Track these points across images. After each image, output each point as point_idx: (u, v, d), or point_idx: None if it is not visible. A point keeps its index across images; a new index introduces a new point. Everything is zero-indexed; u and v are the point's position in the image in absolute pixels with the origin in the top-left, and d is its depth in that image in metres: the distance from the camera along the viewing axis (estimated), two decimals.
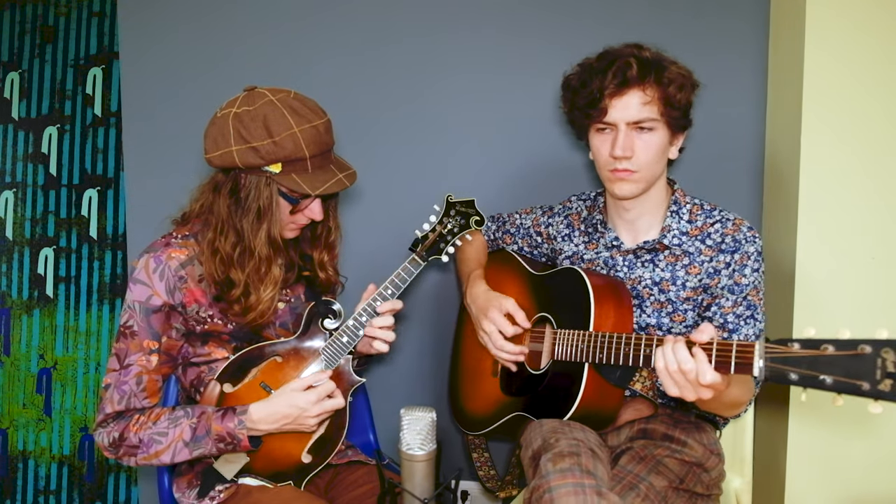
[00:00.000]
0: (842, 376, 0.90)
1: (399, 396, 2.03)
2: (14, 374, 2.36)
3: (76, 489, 2.35)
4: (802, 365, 0.94)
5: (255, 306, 1.33)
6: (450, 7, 1.93)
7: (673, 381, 1.11)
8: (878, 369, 0.88)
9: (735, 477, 1.60)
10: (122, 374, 1.31)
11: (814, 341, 0.94)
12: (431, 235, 1.46)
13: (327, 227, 1.45)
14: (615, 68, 1.32)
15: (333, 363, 1.40)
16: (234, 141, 1.24)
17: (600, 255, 1.50)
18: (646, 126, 1.33)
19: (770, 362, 0.98)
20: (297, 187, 1.26)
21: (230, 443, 1.30)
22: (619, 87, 1.32)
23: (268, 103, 1.24)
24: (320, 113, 1.29)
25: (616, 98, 1.33)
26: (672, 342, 1.11)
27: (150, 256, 1.31)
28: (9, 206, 2.34)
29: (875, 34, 1.55)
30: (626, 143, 1.33)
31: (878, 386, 0.87)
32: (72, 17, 2.31)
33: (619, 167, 1.35)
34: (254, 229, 1.29)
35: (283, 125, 1.23)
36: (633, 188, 1.38)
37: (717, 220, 1.41)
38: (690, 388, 1.10)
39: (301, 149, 1.24)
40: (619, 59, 1.33)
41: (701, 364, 1.07)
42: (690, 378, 1.08)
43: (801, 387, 0.95)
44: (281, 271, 1.36)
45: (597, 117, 1.36)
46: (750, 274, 1.37)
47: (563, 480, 1.15)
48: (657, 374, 1.13)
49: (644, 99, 1.32)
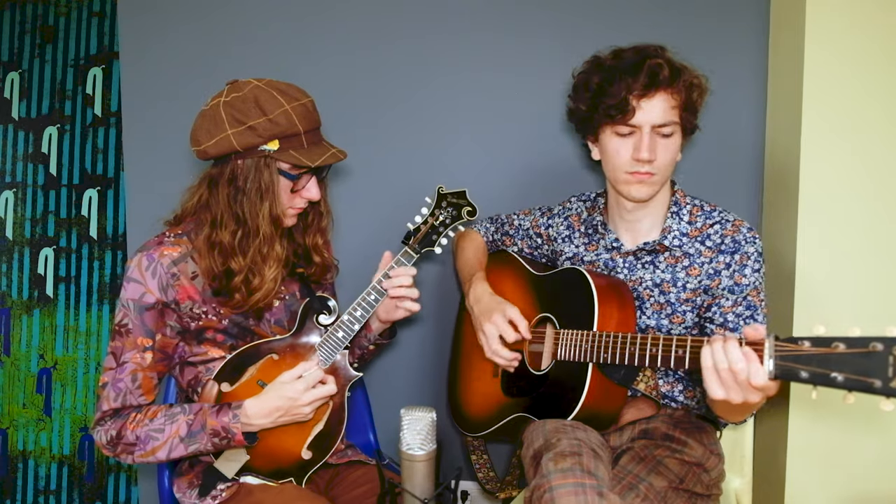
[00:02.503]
0: (853, 374, 0.90)
1: (399, 396, 2.03)
2: (14, 374, 2.36)
3: (76, 489, 2.35)
4: (813, 363, 0.93)
5: (259, 287, 1.34)
6: (448, 4, 1.93)
7: (720, 381, 1.04)
8: (889, 367, 0.87)
9: (735, 477, 1.60)
10: (118, 371, 1.32)
11: (824, 339, 0.93)
12: (423, 227, 1.47)
13: (319, 213, 1.46)
14: (647, 69, 1.30)
15: (330, 359, 1.40)
16: (229, 125, 1.26)
17: (600, 256, 1.50)
18: (667, 130, 1.33)
19: (780, 360, 0.97)
20: (296, 161, 1.29)
21: (224, 437, 1.30)
22: (648, 88, 1.30)
23: (255, 87, 1.29)
24: (305, 93, 1.34)
25: (644, 100, 1.31)
26: (722, 341, 1.04)
27: (143, 255, 1.32)
28: (9, 206, 2.34)
29: (875, 34, 1.55)
30: (651, 146, 1.33)
31: (889, 383, 0.87)
32: (72, 17, 2.31)
33: (640, 170, 1.34)
34: (255, 209, 1.31)
35: (274, 104, 1.27)
36: (650, 190, 1.38)
37: (716, 220, 1.41)
38: (738, 390, 1.03)
39: (295, 124, 1.28)
40: (650, 59, 1.31)
41: (753, 364, 1.00)
42: (740, 379, 1.02)
43: (812, 384, 0.95)
44: (283, 249, 1.38)
45: (621, 119, 1.33)
46: (750, 274, 1.36)
47: (564, 480, 1.15)
48: (703, 373, 1.06)
49: (671, 102, 1.32)
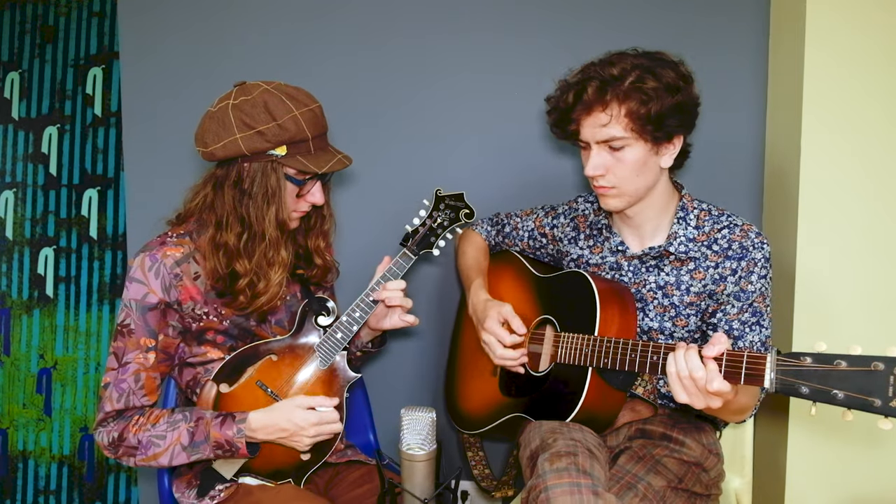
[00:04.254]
0: (853, 392, 0.92)
1: (399, 396, 2.03)
2: (14, 374, 2.36)
3: (76, 489, 2.35)
4: (814, 379, 0.95)
5: (264, 291, 1.35)
6: (448, 6, 1.93)
7: (683, 388, 1.10)
8: (890, 386, 0.89)
9: (735, 477, 1.60)
10: (121, 372, 1.31)
11: (826, 356, 0.95)
12: (421, 229, 1.48)
13: (322, 216, 1.47)
14: (578, 89, 1.32)
15: (328, 360, 1.41)
16: (237, 129, 1.26)
17: (606, 259, 1.49)
18: (616, 144, 1.31)
19: (781, 375, 0.99)
20: (303, 167, 1.29)
21: (228, 450, 1.30)
22: (584, 108, 1.31)
23: (265, 91, 1.28)
24: (313, 98, 1.34)
25: (584, 118, 1.32)
26: (684, 349, 1.10)
27: (146, 255, 1.32)
28: (9, 206, 2.35)
29: (875, 35, 1.55)
30: (597, 163, 1.32)
31: (889, 403, 0.89)
32: (72, 17, 2.31)
33: (596, 184, 1.36)
34: (262, 213, 1.31)
35: (283, 109, 1.27)
36: (617, 203, 1.37)
37: (724, 225, 1.39)
38: (700, 396, 1.09)
39: (303, 130, 1.28)
40: (586, 78, 1.31)
41: (711, 372, 1.06)
42: (700, 385, 1.08)
43: (812, 401, 0.96)
44: (288, 254, 1.38)
45: (570, 136, 1.36)
46: (756, 281, 1.35)
47: (560, 480, 1.15)
48: (668, 379, 1.12)
49: (604, 119, 1.29)
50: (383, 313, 1.49)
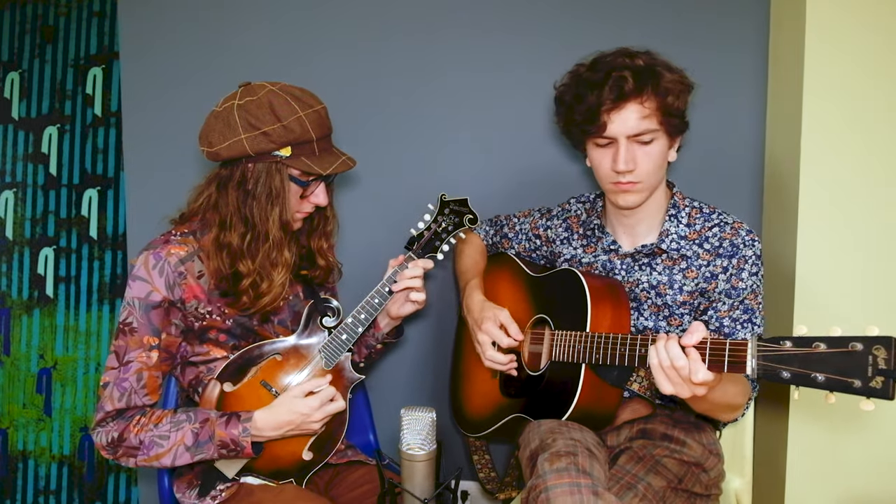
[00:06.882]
0: (834, 374, 0.91)
1: (399, 396, 2.04)
2: (14, 374, 2.36)
3: (76, 489, 2.35)
4: (795, 363, 0.95)
5: (267, 291, 1.35)
6: (449, 5, 1.93)
7: (666, 378, 1.11)
8: (869, 366, 0.88)
9: (735, 477, 1.60)
10: (122, 370, 1.31)
11: (806, 339, 0.95)
12: (426, 234, 1.49)
13: (325, 217, 1.47)
14: (611, 82, 1.28)
15: (333, 361, 1.40)
16: (242, 129, 1.26)
17: (598, 258, 1.50)
18: (645, 138, 1.31)
19: (763, 360, 0.99)
20: (308, 168, 1.29)
21: (233, 449, 1.30)
22: (616, 101, 1.28)
23: (270, 92, 1.28)
24: (318, 99, 1.34)
25: (614, 112, 1.29)
26: (665, 339, 1.11)
27: (150, 253, 1.31)
28: (9, 206, 2.34)
29: (875, 34, 1.55)
30: (628, 157, 1.31)
31: (869, 383, 0.88)
32: (72, 17, 2.31)
33: (622, 180, 1.33)
34: (265, 214, 1.31)
35: (288, 110, 1.27)
36: (636, 198, 1.36)
37: (715, 223, 1.40)
38: (684, 386, 1.10)
39: (308, 132, 1.28)
40: (615, 70, 1.29)
41: (694, 362, 1.07)
42: (683, 375, 1.09)
43: (794, 385, 0.95)
44: (292, 255, 1.38)
45: (595, 132, 1.32)
46: (747, 278, 1.36)
47: (559, 480, 1.15)
48: (651, 371, 1.13)
49: (643, 112, 1.29)
50: (402, 298, 1.49)
